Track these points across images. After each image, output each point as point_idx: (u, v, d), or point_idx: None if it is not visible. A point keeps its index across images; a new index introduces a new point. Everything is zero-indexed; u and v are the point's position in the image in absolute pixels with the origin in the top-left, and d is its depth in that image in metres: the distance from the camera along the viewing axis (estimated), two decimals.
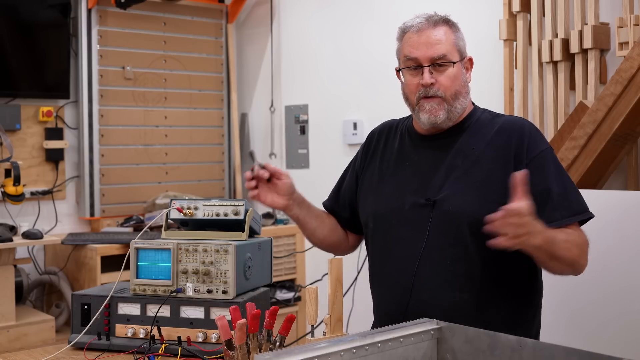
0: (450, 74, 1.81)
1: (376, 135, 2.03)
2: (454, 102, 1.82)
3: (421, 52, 1.81)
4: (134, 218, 4.00)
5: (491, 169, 1.76)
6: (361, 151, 2.05)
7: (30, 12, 3.79)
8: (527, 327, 1.81)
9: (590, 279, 2.45)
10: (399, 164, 1.91)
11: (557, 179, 1.75)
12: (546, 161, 1.76)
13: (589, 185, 2.67)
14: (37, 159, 3.87)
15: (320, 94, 4.16)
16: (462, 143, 1.83)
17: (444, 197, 1.78)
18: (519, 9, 2.97)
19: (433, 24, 1.83)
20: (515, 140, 1.77)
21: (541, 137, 1.81)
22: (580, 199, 1.78)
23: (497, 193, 1.71)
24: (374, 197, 1.93)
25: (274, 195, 1.89)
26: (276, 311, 1.65)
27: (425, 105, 1.81)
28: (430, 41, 1.81)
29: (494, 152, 1.78)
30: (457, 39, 1.85)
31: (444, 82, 1.80)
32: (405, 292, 1.80)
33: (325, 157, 4.12)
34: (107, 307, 1.93)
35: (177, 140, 4.34)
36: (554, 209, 1.72)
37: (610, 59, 2.81)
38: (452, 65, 1.81)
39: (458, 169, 1.80)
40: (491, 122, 1.85)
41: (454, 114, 1.83)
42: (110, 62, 4.07)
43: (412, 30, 1.84)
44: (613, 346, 2.36)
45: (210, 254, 1.91)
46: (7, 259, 3.27)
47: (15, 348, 3.14)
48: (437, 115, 1.80)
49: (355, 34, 3.94)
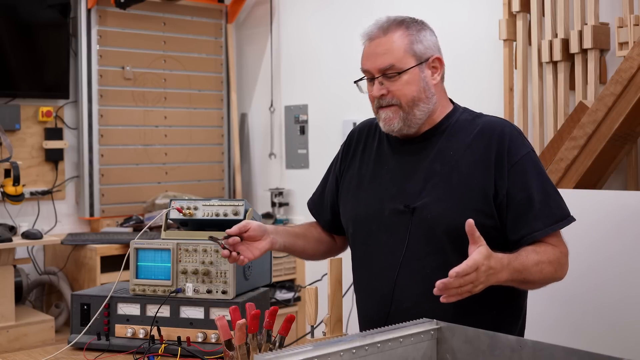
0: (402, 82, 1.75)
1: (355, 136, 1.98)
2: (411, 109, 1.76)
3: (370, 63, 1.78)
4: (133, 218, 4.00)
5: (470, 174, 1.72)
6: (341, 152, 2.00)
7: (30, 12, 3.79)
8: (510, 329, 1.79)
9: (591, 279, 2.45)
10: (378, 168, 1.87)
11: (538, 184, 1.72)
12: (527, 166, 1.72)
13: (589, 185, 2.67)
14: (36, 159, 3.87)
15: (320, 94, 4.16)
16: (440, 146, 1.78)
17: (423, 204, 1.74)
18: (518, 9, 2.97)
19: (383, 31, 1.79)
20: (495, 145, 1.73)
21: (522, 140, 1.76)
22: (561, 203, 1.74)
23: (476, 199, 1.70)
24: (353, 202, 1.89)
25: (253, 247, 1.79)
26: (276, 311, 1.65)
27: (381, 114, 1.79)
28: (377, 51, 1.77)
29: (473, 156, 1.74)
30: (413, 43, 1.77)
31: (397, 92, 1.75)
32: (385, 300, 1.78)
33: (324, 157, 4.09)
34: (107, 307, 1.93)
35: (177, 140, 4.34)
36: (536, 218, 1.69)
37: (610, 59, 2.81)
38: (404, 72, 1.75)
39: (437, 175, 1.75)
40: (471, 124, 1.79)
41: (413, 121, 1.77)
42: (110, 62, 4.07)
43: (365, 38, 1.82)
44: (613, 346, 2.36)
45: (209, 254, 1.91)
46: (7, 259, 3.27)
47: (15, 348, 3.14)
48: (392, 124, 1.77)
49: (355, 34, 3.91)
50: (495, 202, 1.70)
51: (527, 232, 1.69)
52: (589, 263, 2.44)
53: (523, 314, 1.87)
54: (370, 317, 1.85)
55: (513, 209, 1.70)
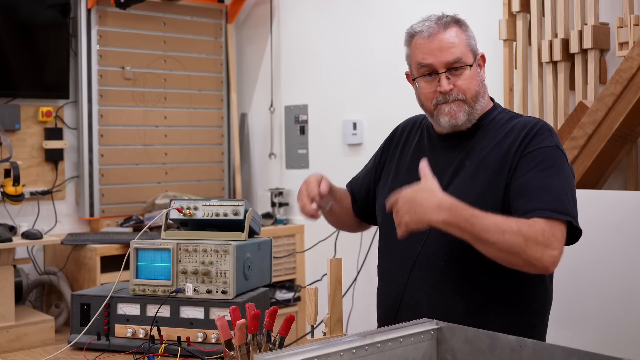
0: (467, 77, 1.77)
1: (399, 132, 2.03)
2: (474, 103, 1.79)
3: (435, 58, 1.76)
4: (133, 218, 4.00)
5: (496, 170, 1.73)
6: (383, 146, 2.06)
7: (30, 12, 3.79)
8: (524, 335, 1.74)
9: (591, 279, 2.45)
10: (414, 162, 1.86)
11: (544, 175, 1.66)
12: (540, 157, 1.69)
13: (589, 185, 2.67)
14: (36, 159, 3.87)
15: (320, 94, 4.16)
16: (473, 144, 1.80)
17: None
18: (518, 9, 2.97)
19: (443, 26, 1.78)
20: (520, 138, 1.73)
21: (548, 135, 1.73)
22: (568, 202, 1.64)
23: (499, 196, 1.70)
24: (387, 192, 1.89)
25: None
26: (276, 311, 1.65)
27: (444, 108, 1.78)
28: (442, 46, 1.76)
29: (500, 153, 1.74)
30: (469, 38, 1.80)
31: (463, 86, 1.77)
32: (399, 290, 1.81)
33: (324, 157, 4.12)
34: (107, 307, 1.93)
35: (177, 140, 4.34)
36: (529, 201, 1.63)
37: (610, 59, 2.81)
38: (469, 67, 1.77)
39: (465, 170, 1.78)
40: (506, 123, 1.81)
41: (474, 115, 1.80)
42: (110, 62, 4.07)
43: (422, 35, 1.78)
44: (613, 346, 2.36)
45: (210, 254, 1.91)
46: (7, 259, 3.27)
47: (15, 348, 3.14)
48: (457, 117, 1.77)
49: (355, 34, 3.94)
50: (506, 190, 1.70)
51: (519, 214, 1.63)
52: (589, 263, 2.44)
53: (541, 323, 1.80)
54: (385, 305, 1.89)
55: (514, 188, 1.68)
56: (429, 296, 1.76)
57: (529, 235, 1.56)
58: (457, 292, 1.75)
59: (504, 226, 1.56)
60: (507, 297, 1.71)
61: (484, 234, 1.57)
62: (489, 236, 1.57)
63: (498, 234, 1.56)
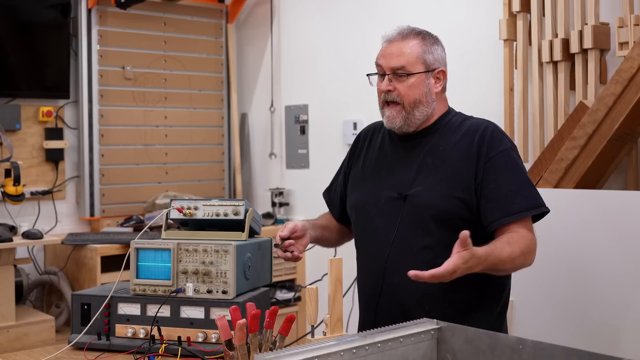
0: (408, 84, 1.98)
1: (362, 138, 2.22)
2: (412, 110, 1.99)
3: (385, 61, 2.01)
4: (134, 218, 4.00)
5: (456, 168, 1.94)
6: (349, 152, 2.25)
7: (30, 12, 3.79)
8: (490, 307, 1.99)
9: (590, 279, 2.45)
10: (379, 162, 2.10)
11: (510, 176, 1.92)
12: (502, 160, 1.92)
13: (589, 185, 2.67)
14: (37, 159, 3.87)
15: (320, 94, 4.16)
16: (432, 143, 2.01)
17: (414, 192, 1.97)
18: (519, 9, 2.97)
19: (402, 37, 2.01)
20: (477, 141, 1.95)
21: (501, 138, 1.96)
22: (534, 194, 1.93)
23: (460, 189, 1.92)
24: (357, 192, 2.13)
25: (299, 244, 2.04)
26: (276, 311, 1.65)
27: (386, 111, 2.02)
28: (393, 52, 1.99)
29: (459, 153, 1.95)
30: (426, 52, 1.99)
31: (402, 90, 1.98)
32: (378, 277, 2.00)
33: (325, 157, 4.12)
34: (107, 307, 1.93)
35: (177, 140, 4.35)
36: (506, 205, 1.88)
37: (610, 59, 2.81)
38: (412, 75, 1.97)
39: (427, 167, 1.98)
40: (460, 125, 2.01)
41: (412, 121, 2.00)
42: (110, 62, 4.07)
43: (385, 40, 2.04)
44: (613, 346, 2.36)
45: (210, 254, 1.91)
46: (7, 259, 3.27)
47: (15, 348, 3.14)
48: (395, 122, 2.00)
49: (355, 34, 3.94)
50: (475, 191, 1.92)
51: (498, 216, 1.88)
52: (589, 263, 2.44)
53: (505, 294, 2.04)
54: (366, 293, 2.08)
55: (484, 197, 1.91)
56: (405, 280, 1.80)
57: (525, 250, 1.84)
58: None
59: (513, 255, 1.82)
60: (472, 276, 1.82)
61: (501, 266, 1.83)
62: (504, 267, 1.84)
63: (510, 263, 1.83)
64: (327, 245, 2.31)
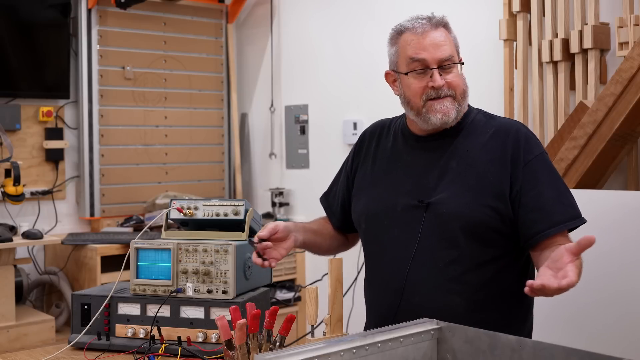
0: (456, 74, 1.81)
1: (367, 136, 2.01)
2: (462, 100, 1.82)
3: (429, 53, 1.78)
4: (134, 218, 4.00)
5: (485, 172, 1.76)
6: (353, 152, 2.04)
7: (30, 12, 3.79)
8: (518, 327, 1.81)
9: (591, 280, 2.44)
10: (392, 165, 1.89)
11: (551, 182, 1.76)
12: (540, 165, 1.77)
13: (589, 185, 2.67)
14: (37, 159, 3.87)
15: (320, 94, 4.16)
16: (456, 145, 1.82)
17: (438, 199, 1.77)
18: (519, 9, 2.97)
19: (434, 25, 1.82)
20: (511, 145, 1.77)
21: (536, 141, 1.81)
22: (574, 202, 1.77)
23: (491, 196, 1.73)
24: (367, 198, 1.91)
25: (280, 247, 1.83)
26: (276, 311, 1.65)
27: (436, 105, 1.78)
28: (436, 42, 1.79)
29: (488, 156, 1.77)
30: (455, 39, 1.85)
31: (454, 83, 1.79)
32: (396, 294, 1.79)
33: (325, 157, 4.12)
34: (107, 307, 1.93)
35: (177, 140, 4.35)
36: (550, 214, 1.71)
37: (610, 59, 2.81)
38: (457, 65, 1.81)
39: (452, 171, 1.79)
40: (486, 125, 1.84)
41: (462, 113, 1.83)
42: (110, 62, 4.07)
43: (415, 31, 1.81)
44: (613, 346, 2.36)
45: (210, 254, 1.91)
46: (7, 259, 3.27)
47: (15, 348, 3.14)
48: (450, 114, 1.79)
49: (355, 34, 3.94)
50: (510, 199, 1.73)
51: (543, 227, 1.70)
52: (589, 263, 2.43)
53: (531, 314, 1.88)
54: (380, 311, 1.86)
55: (524, 205, 1.72)
56: (428, 299, 1.75)
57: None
58: (457, 292, 1.75)
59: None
60: (504, 289, 1.74)
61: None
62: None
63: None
64: (316, 251, 2.07)
